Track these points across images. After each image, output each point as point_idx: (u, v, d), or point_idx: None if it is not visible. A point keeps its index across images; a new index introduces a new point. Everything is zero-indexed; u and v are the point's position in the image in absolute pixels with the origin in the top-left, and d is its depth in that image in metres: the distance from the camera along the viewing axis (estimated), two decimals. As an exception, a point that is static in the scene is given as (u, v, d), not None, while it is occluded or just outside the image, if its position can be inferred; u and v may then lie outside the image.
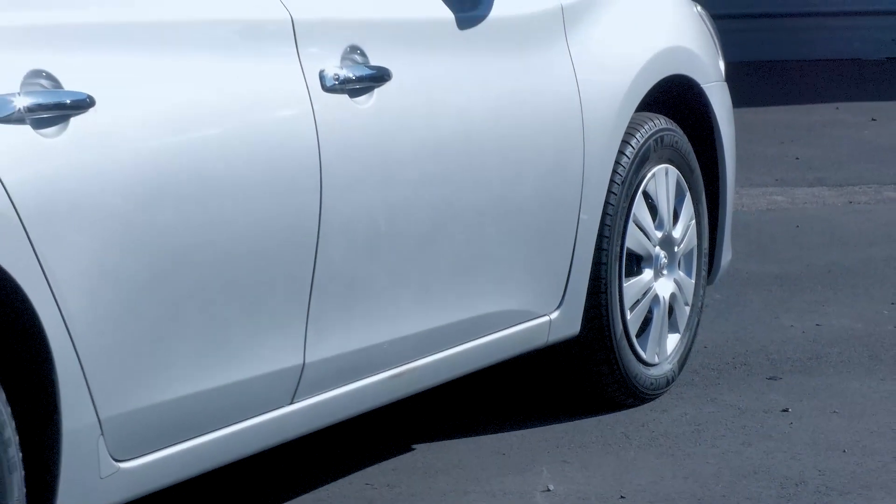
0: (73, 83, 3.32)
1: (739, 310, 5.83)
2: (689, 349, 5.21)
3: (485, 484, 4.30)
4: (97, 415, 3.42)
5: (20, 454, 3.27)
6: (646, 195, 4.87)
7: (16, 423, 3.27)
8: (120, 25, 3.60)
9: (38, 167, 3.28)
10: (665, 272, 4.98)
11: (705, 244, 5.16)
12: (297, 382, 3.96)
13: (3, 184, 3.12)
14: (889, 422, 4.74)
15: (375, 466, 4.51)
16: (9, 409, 3.26)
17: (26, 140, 3.23)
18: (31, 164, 3.27)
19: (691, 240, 5.06)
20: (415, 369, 4.33)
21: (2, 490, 3.22)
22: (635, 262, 4.89)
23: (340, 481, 4.30)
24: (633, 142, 4.81)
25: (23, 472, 3.25)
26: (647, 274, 4.92)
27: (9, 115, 3.19)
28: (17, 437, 3.27)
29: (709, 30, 5.37)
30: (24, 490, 3.28)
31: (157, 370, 3.63)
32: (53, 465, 3.37)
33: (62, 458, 3.36)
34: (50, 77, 3.27)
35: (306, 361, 3.94)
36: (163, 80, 3.62)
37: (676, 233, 5.00)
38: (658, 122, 4.96)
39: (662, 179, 4.94)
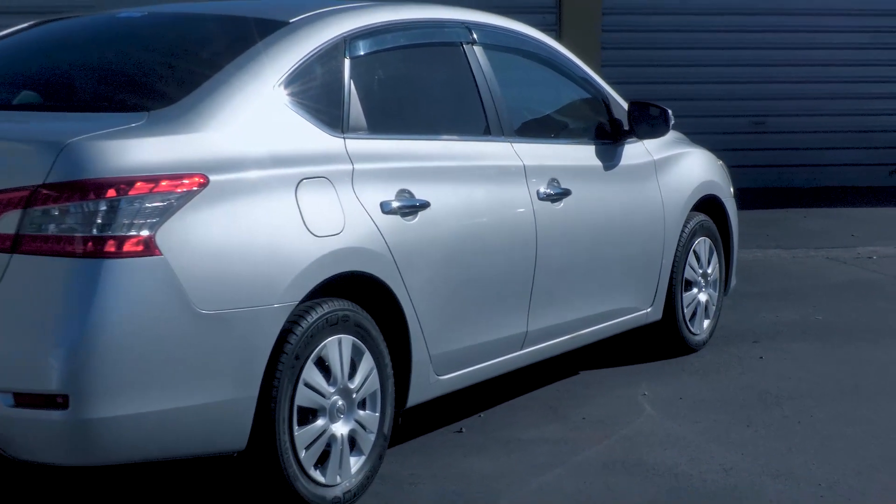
0: (420, 195, 4.80)
1: (739, 309, 7.96)
2: (714, 329, 7.08)
3: (599, 390, 6.05)
4: (429, 353, 4.85)
5: (392, 371, 4.68)
6: (695, 252, 6.63)
7: (390, 358, 4.66)
8: (443, 168, 5.02)
9: (403, 235, 4.65)
10: (705, 289, 6.72)
11: (724, 274, 6.96)
12: (524, 340, 5.52)
13: (387, 242, 4.56)
14: (807, 360, 6.70)
15: (502, 411, 5.97)
16: (388, 351, 4.65)
17: (397, 222, 4.65)
18: (399, 233, 4.64)
19: (716, 272, 6.83)
20: (578, 336, 5.94)
21: (384, 388, 4.60)
22: (691, 284, 6.68)
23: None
24: (688, 227, 6.57)
25: (393, 380, 4.69)
26: (696, 291, 6.72)
27: (390, 210, 4.61)
28: (391, 364, 4.67)
29: (726, 173, 7.06)
30: (394, 388, 4.70)
31: (456, 333, 5.02)
32: (408, 376, 4.79)
33: (412, 374, 4.79)
34: (409, 192, 4.76)
35: (528, 329, 5.51)
36: (463, 194, 5.07)
37: (710, 270, 6.82)
38: (701, 217, 6.73)
39: (703, 244, 6.68)
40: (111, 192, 3.83)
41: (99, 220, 3.80)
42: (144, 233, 3.85)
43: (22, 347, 3.79)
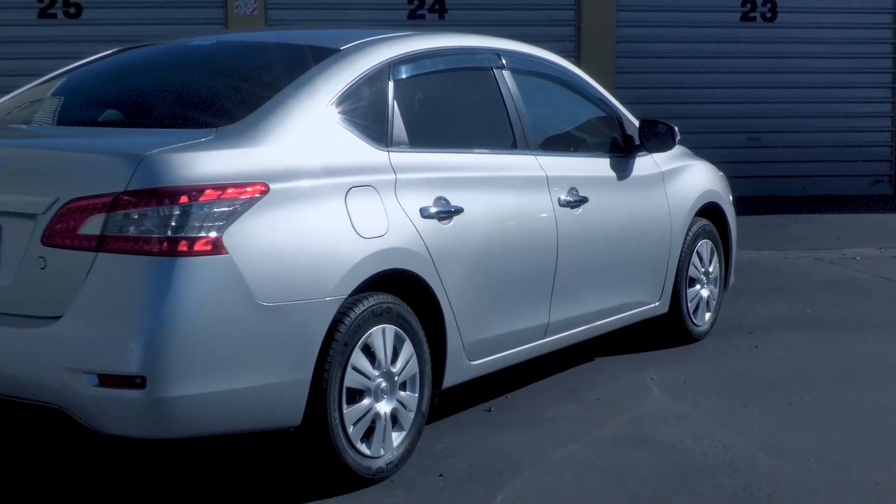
0: (455, 201, 4.81)
1: (737, 303, 7.91)
2: (715, 320, 7.05)
3: (612, 375, 6.08)
4: (462, 341, 4.86)
5: (429, 357, 4.71)
6: (698, 253, 6.61)
7: (428, 345, 4.69)
8: (475, 178, 5.03)
9: (439, 237, 4.68)
10: (707, 285, 6.71)
11: (723, 272, 6.95)
12: (546, 330, 5.51)
13: (425, 243, 4.57)
14: (797, 349, 6.67)
15: (527, 393, 5.95)
16: (426, 340, 4.67)
17: (435, 226, 4.68)
18: (436, 236, 4.66)
19: (716, 271, 6.82)
20: (594, 326, 5.93)
21: (422, 372, 4.62)
22: (694, 281, 6.67)
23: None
24: (691, 230, 6.54)
25: (430, 365, 4.72)
26: (699, 287, 6.70)
27: (428, 215, 4.63)
28: (429, 351, 4.71)
29: (726, 183, 7.05)
30: (431, 372, 4.73)
31: (486, 323, 5.01)
32: (443, 361, 4.81)
33: (447, 359, 4.81)
34: (445, 199, 4.75)
35: (550, 321, 5.51)
36: (493, 201, 5.06)
37: (712, 269, 6.79)
38: (703, 221, 6.72)
39: (705, 245, 6.65)
40: (184, 199, 3.87)
41: (173, 223, 3.84)
42: (213, 234, 3.89)
43: (106, 334, 3.82)
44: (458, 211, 4.83)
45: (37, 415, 3.99)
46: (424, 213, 4.65)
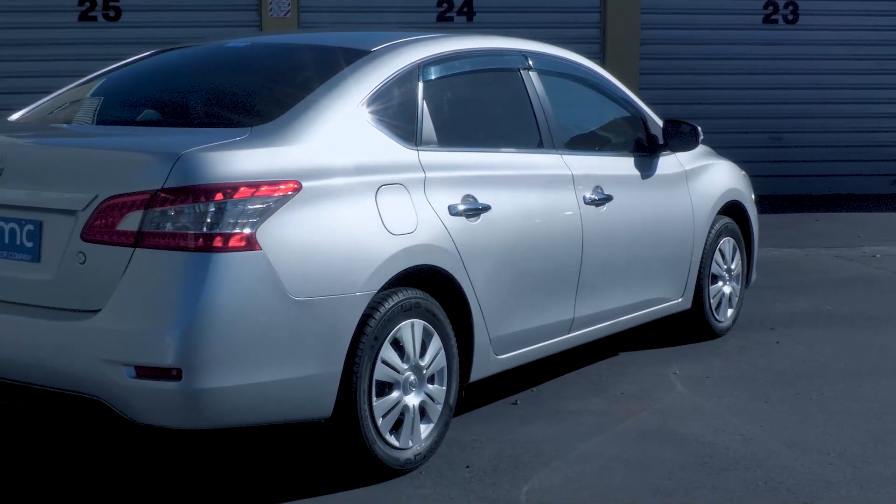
0: (483, 199, 4.79)
1: (758, 300, 7.87)
2: (737, 315, 7.01)
3: (636, 369, 6.06)
4: (489, 336, 4.85)
5: (457, 351, 4.71)
6: (720, 250, 6.59)
7: (455, 339, 4.69)
8: (502, 176, 5.02)
9: (467, 234, 4.66)
10: (729, 282, 6.68)
11: (745, 270, 6.91)
12: (571, 325, 5.50)
13: (454, 240, 4.56)
14: (818, 345, 6.62)
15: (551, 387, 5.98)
16: (453, 334, 4.67)
17: (463, 223, 4.66)
18: (464, 233, 4.65)
19: (738, 268, 6.78)
20: (619, 321, 5.92)
21: (450, 365, 4.61)
22: (716, 278, 6.63)
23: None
24: (714, 228, 6.51)
25: (458, 358, 4.72)
26: (721, 284, 6.67)
27: (456, 212, 4.61)
28: (456, 345, 4.71)
29: (748, 181, 7.01)
30: (459, 366, 4.73)
31: (513, 318, 5.01)
32: (470, 355, 4.80)
33: (474, 353, 4.80)
34: (472, 197, 4.74)
35: (575, 316, 5.49)
36: (519, 199, 5.05)
37: (734, 266, 6.76)
38: (726, 219, 6.68)
39: (728, 243, 6.63)
40: (219, 196, 3.88)
41: (208, 220, 3.85)
42: (247, 231, 3.89)
43: (143, 328, 3.83)
44: (486, 208, 4.82)
45: (75, 406, 4.00)
46: (453, 210, 4.64)
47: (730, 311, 6.93)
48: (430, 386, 4.56)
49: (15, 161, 4.19)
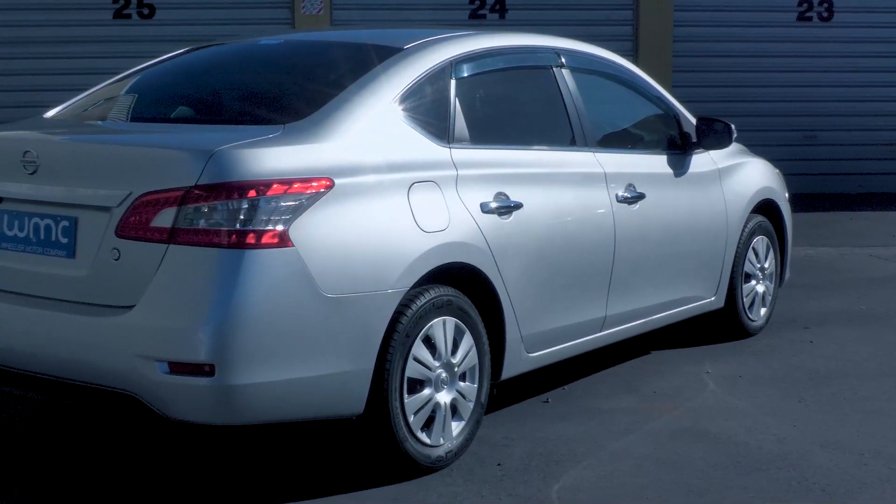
0: (515, 197, 4.79)
1: (792, 299, 7.84)
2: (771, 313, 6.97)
3: (668, 368, 6.05)
4: (520, 333, 4.85)
5: (489, 349, 4.71)
6: (753, 249, 6.56)
7: (487, 337, 4.69)
8: (534, 174, 5.01)
9: (499, 231, 4.66)
10: (762, 281, 6.66)
11: (779, 268, 6.89)
12: (603, 323, 5.48)
13: (486, 238, 4.55)
14: (852, 344, 6.61)
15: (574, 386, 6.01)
16: (485, 332, 4.66)
17: (495, 221, 4.66)
18: (496, 230, 4.64)
19: (772, 267, 6.76)
20: (651, 319, 5.91)
21: (482, 363, 4.61)
22: (750, 277, 6.61)
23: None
24: (748, 227, 6.49)
25: (489, 356, 4.72)
26: (754, 283, 6.64)
27: (488, 210, 4.60)
28: (488, 342, 4.71)
29: (782, 180, 6.99)
30: (490, 363, 4.72)
31: (545, 316, 5.01)
32: (502, 353, 4.79)
33: (506, 351, 4.80)
34: (505, 194, 4.74)
35: (607, 314, 5.49)
36: (551, 197, 5.05)
37: (767, 264, 6.73)
38: (759, 218, 6.66)
39: (761, 241, 6.61)
40: (252, 193, 3.89)
41: (241, 217, 3.86)
42: (279, 228, 3.90)
43: (176, 323, 3.85)
44: (518, 206, 4.81)
45: (109, 401, 4.02)
46: (485, 208, 4.63)
47: (763, 310, 6.91)
48: (461, 383, 4.56)
49: (50, 158, 4.21)
